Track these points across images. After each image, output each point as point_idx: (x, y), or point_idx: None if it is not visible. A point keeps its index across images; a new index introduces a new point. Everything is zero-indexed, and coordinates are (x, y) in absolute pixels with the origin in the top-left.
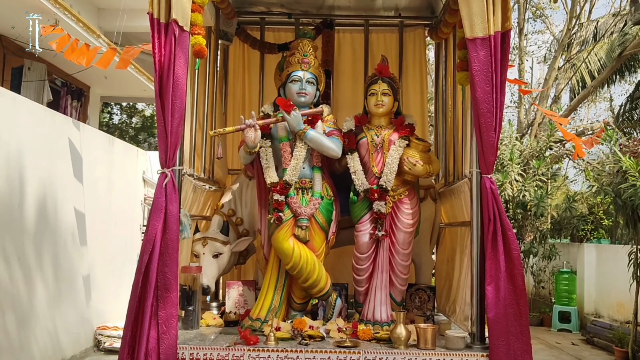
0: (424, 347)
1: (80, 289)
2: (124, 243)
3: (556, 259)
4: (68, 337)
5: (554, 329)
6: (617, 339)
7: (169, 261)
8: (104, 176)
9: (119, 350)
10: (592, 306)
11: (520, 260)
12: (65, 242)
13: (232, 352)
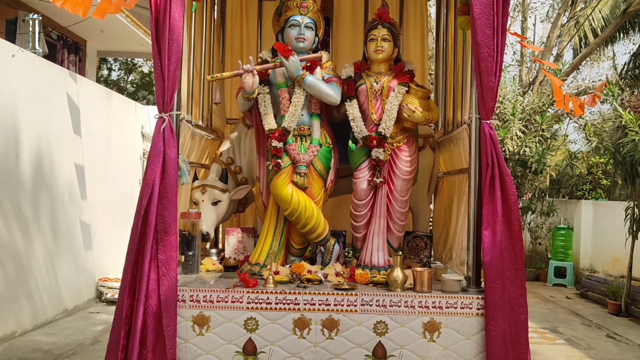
0: (420, 289)
1: (79, 242)
2: (124, 198)
3: (554, 216)
4: (69, 289)
5: (549, 284)
6: (611, 292)
7: (168, 205)
8: (102, 130)
9: (119, 291)
10: (587, 262)
11: (517, 206)
12: (63, 196)
13: (231, 293)
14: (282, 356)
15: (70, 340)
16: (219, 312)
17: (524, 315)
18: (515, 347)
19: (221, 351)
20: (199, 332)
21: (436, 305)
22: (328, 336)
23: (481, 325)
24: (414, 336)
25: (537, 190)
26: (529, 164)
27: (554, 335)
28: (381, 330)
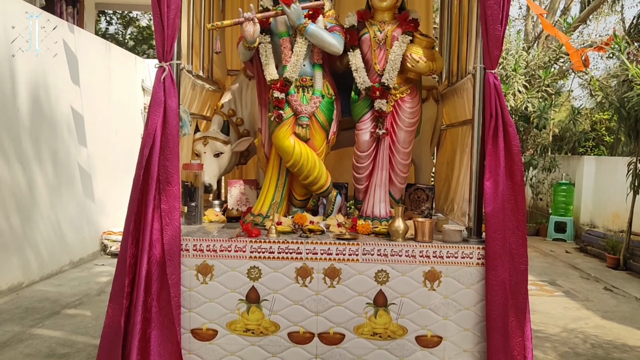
0: (421, 239)
1: (83, 195)
2: (126, 152)
3: (555, 172)
4: (75, 241)
5: (549, 239)
6: (610, 246)
7: (170, 155)
8: (101, 83)
9: (121, 241)
10: (587, 217)
11: (520, 156)
12: (65, 147)
13: (234, 243)
14: (284, 304)
15: (77, 291)
16: (223, 261)
17: (524, 265)
18: (514, 297)
19: (225, 299)
20: (203, 280)
21: (437, 255)
22: (330, 285)
23: (481, 275)
24: (415, 285)
25: (540, 146)
26: (532, 120)
27: (552, 288)
28: (382, 279)
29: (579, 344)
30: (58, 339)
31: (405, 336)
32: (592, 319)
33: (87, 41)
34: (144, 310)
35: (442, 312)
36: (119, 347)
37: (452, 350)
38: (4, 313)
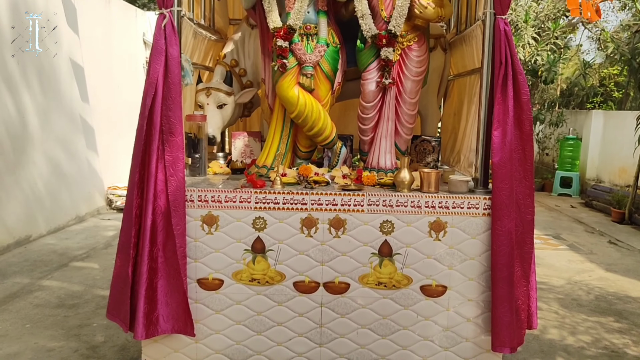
0: (427, 190)
1: (88, 150)
2: (128, 107)
3: (563, 126)
4: (80, 196)
5: (554, 194)
6: (616, 201)
7: (173, 105)
8: (102, 37)
9: (127, 191)
10: (594, 172)
11: (530, 105)
12: (67, 100)
13: (239, 194)
14: (290, 254)
15: (83, 244)
16: (228, 212)
17: (531, 215)
18: (520, 247)
19: (230, 249)
20: (208, 231)
21: (442, 206)
22: (335, 235)
23: (487, 225)
24: (420, 235)
25: (547, 100)
26: (540, 73)
27: (556, 242)
28: (387, 230)
29: (582, 295)
30: (67, 290)
31: (410, 286)
32: (595, 271)
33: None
34: (150, 260)
35: (447, 262)
36: (127, 297)
37: (457, 300)
38: (12, 266)
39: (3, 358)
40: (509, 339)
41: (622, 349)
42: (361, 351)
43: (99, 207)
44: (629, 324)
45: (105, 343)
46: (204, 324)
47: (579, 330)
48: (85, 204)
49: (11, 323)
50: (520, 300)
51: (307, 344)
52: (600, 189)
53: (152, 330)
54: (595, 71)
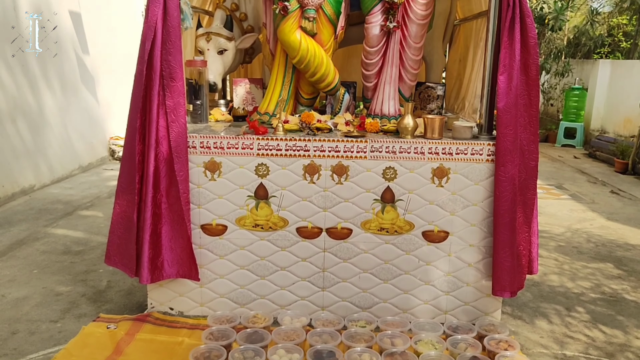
0: (430, 136)
1: (88, 99)
2: (128, 56)
3: (569, 76)
4: (83, 146)
5: (558, 145)
6: (620, 151)
7: (172, 49)
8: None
9: (126, 137)
10: (598, 122)
11: (537, 50)
12: (64, 38)
13: (241, 140)
14: (292, 200)
15: (87, 194)
16: (230, 158)
17: (534, 161)
18: (523, 193)
19: (233, 195)
20: (211, 177)
21: (446, 152)
22: (337, 181)
23: (490, 171)
24: (423, 181)
25: (554, 50)
26: (547, 21)
27: (559, 191)
28: (390, 176)
29: (582, 243)
30: (72, 237)
31: (412, 231)
32: (597, 220)
33: None
34: (154, 206)
35: (449, 208)
36: (132, 242)
37: (458, 245)
38: (18, 214)
39: (12, 301)
40: (509, 284)
41: (620, 294)
42: (363, 295)
43: (102, 157)
44: (628, 271)
45: (111, 288)
46: (209, 269)
47: (578, 277)
48: (88, 154)
49: (19, 269)
50: (521, 245)
51: (310, 287)
52: (605, 140)
53: (157, 274)
54: (604, 20)
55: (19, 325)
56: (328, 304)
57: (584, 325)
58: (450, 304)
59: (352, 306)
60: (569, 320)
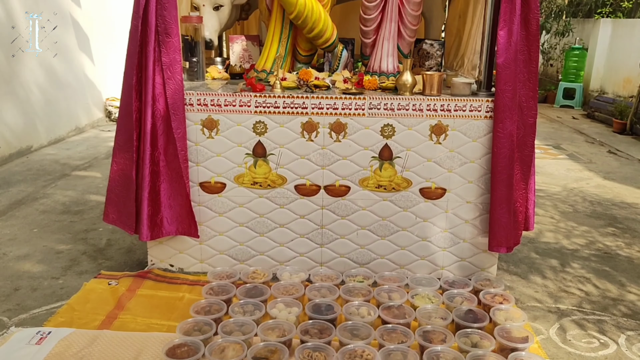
0: (429, 93)
1: (83, 60)
2: (121, 16)
3: (569, 36)
4: (80, 108)
5: (556, 106)
6: (618, 111)
7: (167, 4)
8: None
9: (123, 94)
10: (598, 83)
11: (537, 4)
12: (63, 12)
13: (239, 97)
14: (291, 158)
15: (85, 155)
16: (227, 116)
17: (533, 118)
18: (521, 149)
19: (231, 153)
20: (209, 135)
21: (444, 109)
22: (335, 139)
23: (489, 128)
24: (421, 139)
25: (554, 9)
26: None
27: (556, 151)
28: (388, 133)
29: (579, 201)
30: (71, 197)
31: (409, 188)
32: (593, 179)
33: None
34: (152, 163)
35: (447, 165)
36: (131, 200)
37: (455, 202)
38: (16, 175)
39: (14, 259)
40: (505, 239)
41: (614, 251)
42: (361, 251)
43: (98, 118)
44: (622, 228)
45: (111, 246)
46: (208, 226)
47: (573, 234)
48: (85, 116)
49: (19, 228)
50: (518, 202)
51: (309, 244)
52: (603, 100)
53: (156, 232)
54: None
55: (21, 282)
56: (326, 260)
57: (578, 280)
58: (447, 259)
59: (350, 262)
60: (563, 275)
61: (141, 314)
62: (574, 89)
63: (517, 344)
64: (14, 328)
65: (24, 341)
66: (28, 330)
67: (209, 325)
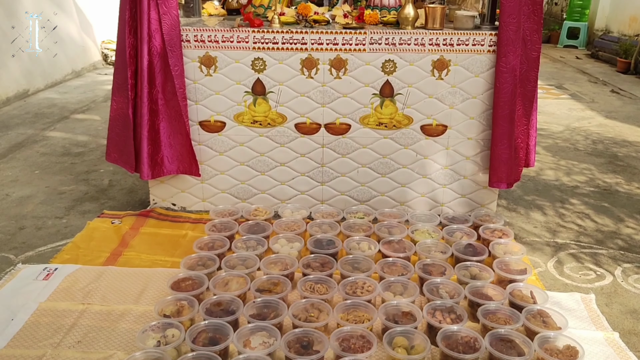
0: (431, 27)
1: (77, 2)
2: None
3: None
4: (76, 51)
5: (560, 46)
6: (623, 50)
7: None
8: None
9: (118, 31)
10: (603, 22)
11: None
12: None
13: (236, 33)
14: (290, 96)
15: (83, 98)
16: (225, 53)
17: (537, 52)
18: (523, 84)
19: (230, 91)
20: (207, 72)
21: (447, 43)
22: (336, 76)
23: (492, 62)
24: (422, 74)
25: None
26: None
27: (558, 91)
28: (389, 69)
29: (580, 140)
30: (70, 139)
31: (410, 125)
32: (595, 118)
33: None
34: (150, 102)
35: (448, 101)
36: (130, 139)
37: (456, 138)
38: (14, 118)
39: (17, 200)
40: (506, 175)
41: (613, 187)
42: (361, 189)
43: (95, 61)
44: (623, 166)
45: (113, 187)
46: (209, 165)
47: (573, 172)
48: (81, 59)
49: (20, 169)
50: (519, 138)
51: (310, 182)
52: (608, 39)
53: (157, 170)
54: None
55: (25, 221)
56: (327, 198)
57: (576, 215)
58: (447, 196)
59: (350, 200)
60: (562, 211)
61: (145, 251)
62: (578, 28)
63: (515, 275)
64: (20, 265)
65: (31, 277)
66: (35, 267)
67: (212, 260)
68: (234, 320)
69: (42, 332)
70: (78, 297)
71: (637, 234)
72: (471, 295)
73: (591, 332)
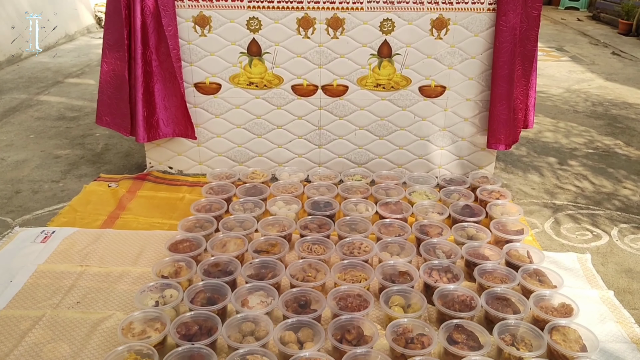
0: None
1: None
2: None
3: None
4: (68, 14)
5: (561, 7)
6: (625, 12)
7: None
8: None
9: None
10: None
11: None
12: None
13: None
14: (287, 56)
15: (77, 62)
16: (220, 12)
17: (537, 10)
18: (523, 44)
19: (225, 52)
20: (201, 33)
21: (446, 1)
22: (333, 36)
23: (491, 21)
24: (421, 34)
25: None
26: None
27: (559, 53)
28: (387, 29)
29: (579, 102)
30: (65, 104)
31: (408, 87)
32: (595, 80)
33: None
34: (144, 63)
35: (447, 62)
36: (124, 101)
37: (455, 100)
38: (7, 82)
39: (13, 164)
40: (504, 136)
41: (612, 149)
42: (359, 151)
43: (88, 25)
44: (622, 128)
45: (109, 150)
46: (205, 128)
47: (572, 134)
48: (74, 23)
49: (15, 134)
50: (518, 99)
51: (307, 145)
52: (610, 1)
53: (153, 133)
54: None
55: (21, 185)
56: (325, 161)
57: (574, 177)
58: (445, 158)
59: (348, 162)
60: (560, 173)
61: (142, 213)
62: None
63: (511, 235)
64: (18, 228)
65: (29, 240)
66: (32, 229)
67: (210, 222)
68: (231, 280)
69: (41, 293)
70: (76, 260)
71: (634, 194)
72: (468, 256)
73: (586, 291)
